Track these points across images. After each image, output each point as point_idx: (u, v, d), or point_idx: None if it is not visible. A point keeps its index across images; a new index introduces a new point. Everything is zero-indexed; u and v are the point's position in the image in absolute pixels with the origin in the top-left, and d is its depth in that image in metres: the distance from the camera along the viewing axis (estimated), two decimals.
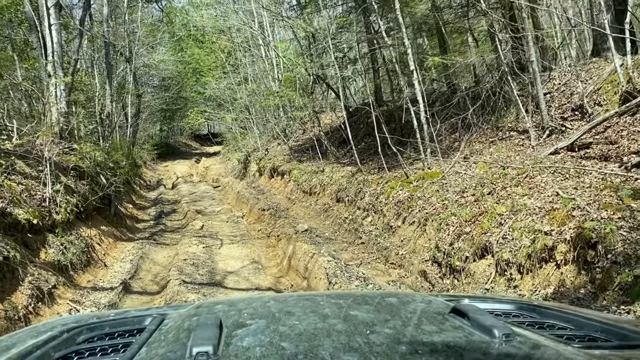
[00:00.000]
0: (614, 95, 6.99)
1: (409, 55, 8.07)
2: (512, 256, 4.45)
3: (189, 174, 25.61)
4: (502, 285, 4.44)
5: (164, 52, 31.39)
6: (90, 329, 1.20)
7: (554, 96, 8.43)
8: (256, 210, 12.82)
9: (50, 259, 6.05)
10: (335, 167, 12.24)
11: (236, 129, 25.70)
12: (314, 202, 11.84)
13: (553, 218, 4.38)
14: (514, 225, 4.72)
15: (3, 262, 4.84)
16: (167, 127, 39.52)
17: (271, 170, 16.88)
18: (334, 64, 10.70)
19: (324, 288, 6.21)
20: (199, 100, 35.59)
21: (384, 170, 9.35)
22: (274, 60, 20.66)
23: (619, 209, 4.06)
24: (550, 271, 4.10)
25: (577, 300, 3.68)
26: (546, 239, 4.21)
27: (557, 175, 5.63)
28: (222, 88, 25.41)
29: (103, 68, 15.28)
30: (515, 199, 5.21)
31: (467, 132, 9.04)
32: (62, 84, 9.44)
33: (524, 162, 6.43)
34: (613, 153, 5.77)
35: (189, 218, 12.59)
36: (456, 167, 7.50)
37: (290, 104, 18.30)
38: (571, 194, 4.71)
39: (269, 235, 10.45)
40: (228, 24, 21.08)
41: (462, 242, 5.28)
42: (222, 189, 19.26)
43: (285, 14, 15.51)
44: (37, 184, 7.15)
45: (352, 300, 1.33)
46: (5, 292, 4.74)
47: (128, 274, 7.19)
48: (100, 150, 11.01)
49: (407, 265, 6.26)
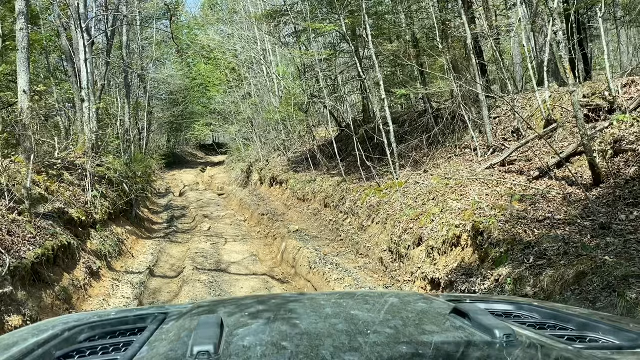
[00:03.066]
0: (541, 122, 8.75)
1: (380, 86, 9.86)
2: (435, 243, 6.19)
3: (195, 183, 27.36)
4: (428, 264, 6.17)
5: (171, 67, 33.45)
6: (92, 328, 1.20)
7: (501, 120, 10.18)
8: (257, 215, 14.56)
9: (94, 248, 7.83)
10: (325, 177, 14.00)
11: (240, 140, 27.57)
12: (306, 207, 13.59)
13: (463, 216, 6.11)
14: (440, 221, 6.46)
15: (67, 247, 6.61)
16: (174, 138, 41.47)
17: (271, 179, 18.64)
18: (324, 90, 12.51)
19: (306, 272, 7.94)
20: (205, 113, 37.51)
21: (362, 180, 11.11)
22: (275, 79, 22.55)
23: (504, 208, 5.80)
24: (457, 252, 5.83)
25: (469, 270, 5.40)
26: (456, 231, 5.95)
27: (484, 185, 7.37)
28: (227, 103, 27.34)
29: (121, 87, 17.17)
30: (447, 203, 6.95)
31: (432, 148, 10.80)
32: (94, 107, 11.28)
33: (463, 174, 8.18)
34: (526, 168, 7.52)
35: (197, 221, 14.35)
36: (416, 178, 9.25)
37: (289, 119, 20.14)
38: (482, 198, 6.46)
39: (267, 236, 12.19)
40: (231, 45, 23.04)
41: (407, 235, 7.02)
42: (227, 196, 21.02)
43: (284, 39, 17.35)
44: (79, 190, 8.95)
45: (353, 300, 1.33)
46: (69, 268, 6.52)
47: (151, 263, 8.96)
48: (123, 162, 12.84)
49: (371, 254, 8.01)
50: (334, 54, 12.65)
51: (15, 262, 5.05)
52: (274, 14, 14.94)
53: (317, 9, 11.87)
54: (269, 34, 18.02)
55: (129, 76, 15.77)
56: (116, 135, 14.90)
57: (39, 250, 5.68)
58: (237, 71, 26.79)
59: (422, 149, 10.99)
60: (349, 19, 10.75)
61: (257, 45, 21.61)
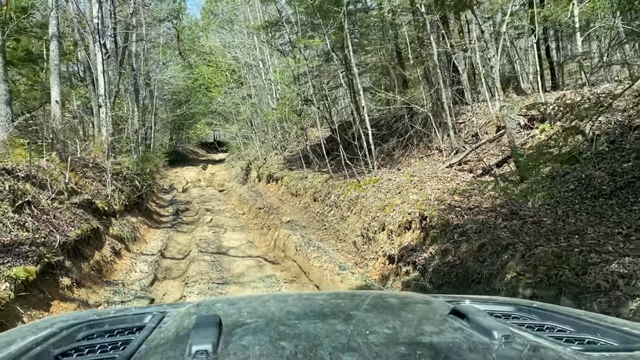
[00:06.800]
0: (494, 127, 10.24)
1: (360, 95, 11.36)
2: (394, 227, 7.69)
3: (197, 179, 28.87)
4: (388, 244, 7.67)
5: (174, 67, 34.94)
6: (90, 326, 1.21)
7: (466, 124, 11.68)
8: (254, 209, 16.07)
9: (115, 233, 9.35)
10: (316, 174, 15.49)
11: (240, 139, 29.08)
12: (298, 201, 15.10)
13: (415, 205, 7.62)
14: (399, 210, 7.96)
15: (96, 230, 8.13)
16: (176, 136, 43.00)
17: (268, 176, 20.14)
18: (313, 97, 14.02)
19: (292, 254, 9.44)
20: (206, 113, 38.99)
21: (346, 177, 12.60)
22: (272, 81, 24.04)
23: (446, 200, 7.31)
24: (410, 234, 7.33)
25: (415, 246, 6.90)
26: (409, 217, 7.45)
27: (440, 181, 8.87)
28: (227, 103, 28.84)
29: (131, 91, 18.67)
30: (407, 195, 8.46)
31: (407, 149, 12.30)
32: (110, 112, 12.79)
33: (425, 172, 9.68)
34: (475, 167, 9.02)
35: (200, 214, 15.86)
36: (390, 176, 10.75)
37: (285, 121, 21.65)
38: (432, 192, 7.96)
39: (263, 227, 13.69)
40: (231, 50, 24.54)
41: (374, 222, 8.53)
42: (227, 192, 22.53)
43: (280, 47, 18.84)
44: (100, 185, 10.47)
45: (351, 301, 1.35)
46: (98, 247, 8.03)
47: (161, 247, 10.48)
48: (133, 160, 14.36)
49: (347, 239, 9.52)
50: (322, 64, 14.15)
51: (62, 239, 6.56)
52: (270, 25, 16.43)
53: (307, 25, 13.36)
54: (267, 42, 19.50)
55: (137, 81, 17.26)
56: (127, 136, 16.42)
57: (78, 231, 7.20)
58: (237, 72, 28.26)
59: (398, 150, 12.50)
60: (335, 35, 12.24)
61: (255, 50, 23.11)
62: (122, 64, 14.18)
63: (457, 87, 12.09)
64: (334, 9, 11.44)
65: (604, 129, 6.99)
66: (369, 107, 11.26)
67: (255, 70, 25.06)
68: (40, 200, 7.10)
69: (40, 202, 7.02)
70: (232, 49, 23.69)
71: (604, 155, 6.62)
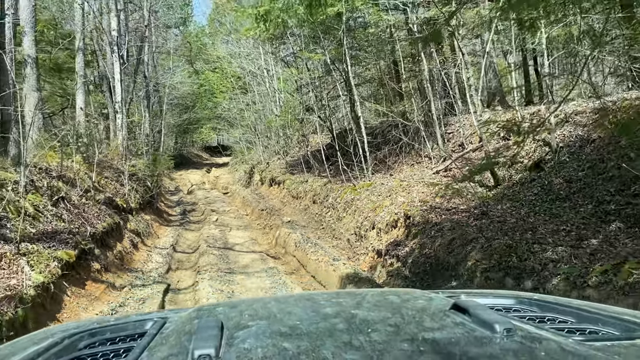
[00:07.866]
0: (478, 138, 11.23)
1: (357, 106, 12.37)
2: (382, 226, 8.67)
3: (201, 182, 29.87)
4: (376, 240, 8.65)
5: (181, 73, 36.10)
6: (92, 335, 1.21)
7: (454, 134, 12.67)
8: (257, 210, 17.06)
9: (132, 228, 10.35)
10: (316, 179, 16.49)
11: (243, 144, 30.13)
12: (298, 204, 16.08)
13: (402, 206, 8.59)
14: (388, 211, 8.94)
15: (117, 224, 9.13)
16: (181, 140, 44.07)
17: (270, 180, 21.14)
18: (314, 106, 15.05)
19: (292, 250, 10.42)
20: (211, 117, 40.06)
21: (344, 182, 13.60)
22: (276, 89, 25.10)
23: (428, 202, 8.29)
24: (395, 232, 8.30)
25: (399, 242, 7.87)
26: (395, 216, 8.42)
27: (426, 186, 9.85)
28: (232, 109, 29.91)
29: (142, 98, 19.74)
30: (396, 198, 9.44)
31: (400, 156, 13.29)
32: (125, 118, 13.84)
33: (414, 177, 10.67)
34: (459, 173, 10.00)
35: (206, 214, 16.85)
36: (383, 180, 11.74)
37: (288, 127, 22.70)
38: (418, 195, 8.94)
39: (265, 226, 14.68)
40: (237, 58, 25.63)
41: (366, 221, 9.51)
42: (231, 194, 23.53)
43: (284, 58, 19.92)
44: (118, 184, 11.48)
45: (352, 299, 1.35)
46: (119, 240, 9.03)
47: (173, 242, 11.47)
48: (145, 162, 15.39)
49: (342, 237, 10.51)
50: (323, 76, 15.19)
51: (92, 230, 7.57)
52: (274, 37, 17.48)
53: (310, 38, 14.42)
54: (271, 52, 20.58)
55: (149, 88, 18.33)
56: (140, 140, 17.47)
57: (104, 224, 8.21)
58: (242, 79, 29.32)
59: (392, 157, 13.49)
60: (335, 50, 13.28)
61: (260, 60, 24.20)
62: (137, 72, 15.23)
63: (447, 99, 13.10)
64: (334, 26, 12.49)
65: (566, 142, 7.97)
66: (366, 116, 12.24)
67: (260, 78, 26.12)
68: (72, 196, 8.11)
69: (72, 198, 8.03)
70: (238, 59, 24.77)
71: (564, 165, 7.60)
